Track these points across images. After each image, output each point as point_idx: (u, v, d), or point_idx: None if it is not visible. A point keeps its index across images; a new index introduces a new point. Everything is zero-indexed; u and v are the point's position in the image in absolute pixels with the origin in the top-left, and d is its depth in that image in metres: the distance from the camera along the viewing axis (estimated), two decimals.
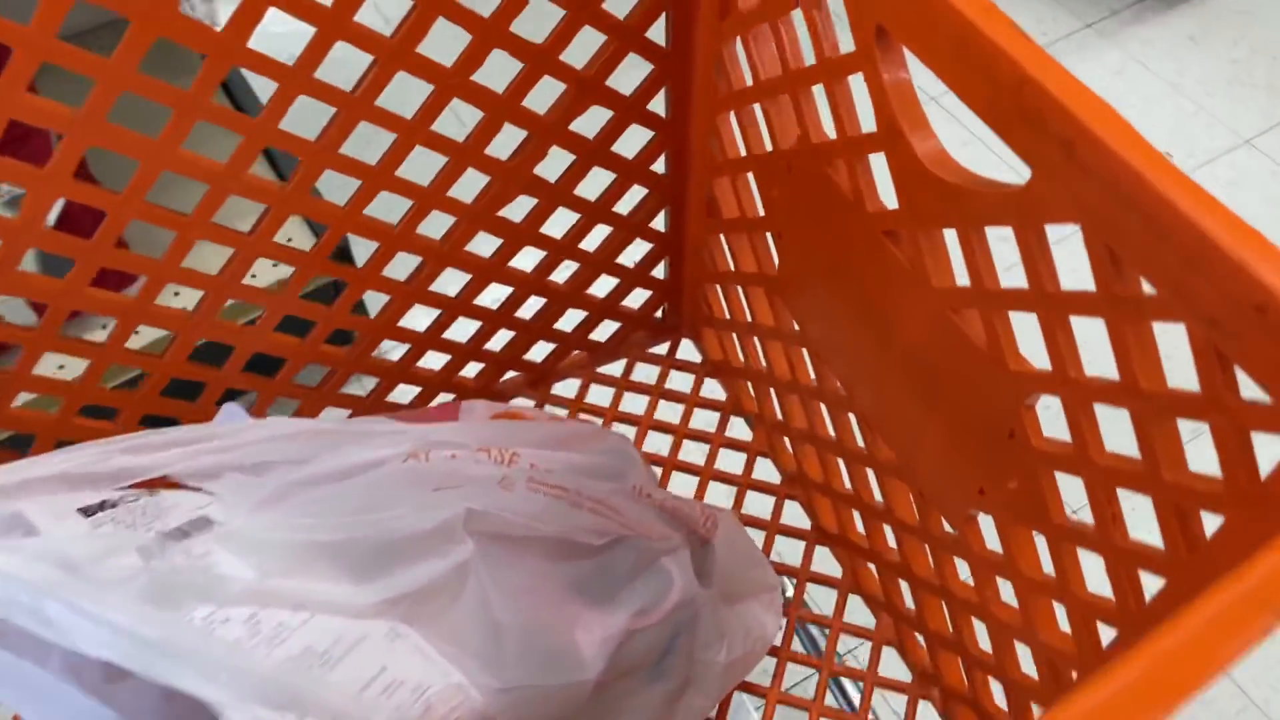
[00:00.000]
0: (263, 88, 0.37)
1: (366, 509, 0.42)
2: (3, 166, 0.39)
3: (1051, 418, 0.33)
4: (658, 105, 0.49)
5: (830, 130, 0.40)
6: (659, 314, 0.62)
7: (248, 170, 0.43)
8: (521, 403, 0.62)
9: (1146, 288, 0.27)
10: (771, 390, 0.54)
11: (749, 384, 0.58)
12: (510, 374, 0.60)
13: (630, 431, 0.60)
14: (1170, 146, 1.30)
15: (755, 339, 0.54)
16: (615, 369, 0.63)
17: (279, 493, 0.38)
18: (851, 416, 0.47)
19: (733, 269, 0.53)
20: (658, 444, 0.59)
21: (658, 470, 0.58)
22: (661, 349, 0.63)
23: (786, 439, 0.55)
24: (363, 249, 0.49)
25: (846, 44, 0.36)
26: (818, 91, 0.39)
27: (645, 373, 0.62)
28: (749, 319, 0.54)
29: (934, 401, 0.39)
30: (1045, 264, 0.31)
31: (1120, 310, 0.29)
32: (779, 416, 0.55)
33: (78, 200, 0.41)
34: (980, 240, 0.33)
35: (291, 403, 0.55)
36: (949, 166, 0.33)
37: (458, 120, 0.51)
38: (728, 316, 0.57)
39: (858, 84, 0.36)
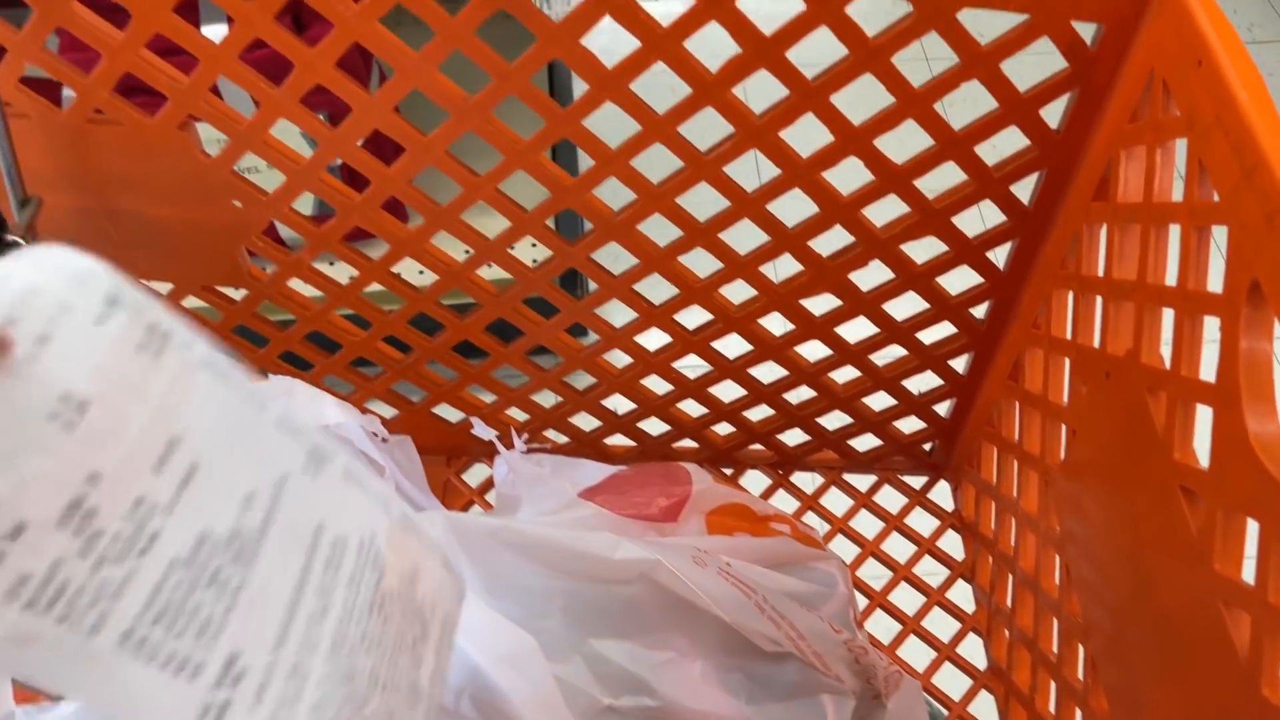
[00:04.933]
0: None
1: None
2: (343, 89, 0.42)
3: None
4: (996, 255, 0.46)
5: (1166, 355, 0.36)
6: (926, 447, 0.59)
7: (543, 153, 0.44)
8: (757, 478, 0.61)
9: None
10: (1009, 576, 0.51)
11: (990, 558, 0.54)
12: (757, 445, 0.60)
13: (852, 549, 0.58)
14: None
15: (1012, 519, 0.50)
16: (860, 480, 0.61)
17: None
18: (1080, 649, 0.42)
19: (1016, 440, 0.50)
20: (874, 573, 0.56)
21: (863, 601, 0.55)
22: (916, 481, 0.60)
23: (1007, 631, 0.51)
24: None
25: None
26: (1165, 311, 0.36)
27: (888, 496, 0.60)
28: (1014, 494, 0.50)
29: (1170, 677, 0.35)
30: None
31: None
32: (1008, 604, 0.51)
33: (391, 133, 0.43)
34: None
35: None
36: None
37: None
38: (994, 482, 0.53)
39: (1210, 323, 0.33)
